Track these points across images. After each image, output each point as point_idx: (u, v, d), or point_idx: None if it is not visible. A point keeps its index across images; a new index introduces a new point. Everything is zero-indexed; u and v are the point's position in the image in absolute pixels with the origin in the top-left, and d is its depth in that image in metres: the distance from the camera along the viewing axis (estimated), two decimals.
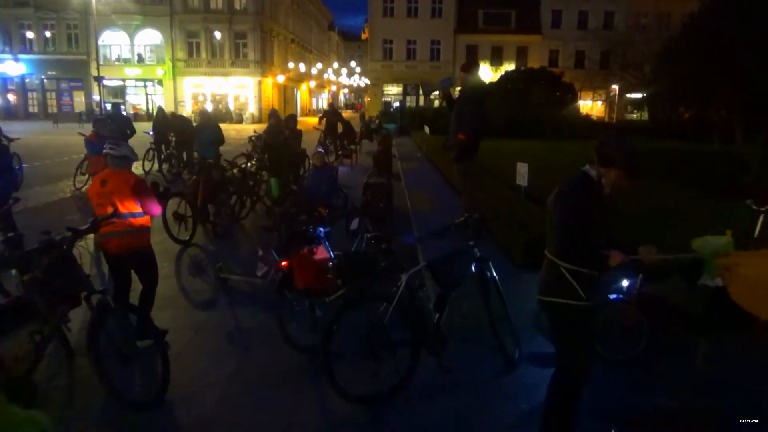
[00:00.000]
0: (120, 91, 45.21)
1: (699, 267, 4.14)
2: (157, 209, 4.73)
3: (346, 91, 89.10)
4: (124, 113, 32.44)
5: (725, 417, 3.82)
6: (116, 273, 4.72)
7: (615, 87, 42.80)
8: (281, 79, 48.71)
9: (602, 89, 45.44)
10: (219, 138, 10.98)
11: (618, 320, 4.47)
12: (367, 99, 53.33)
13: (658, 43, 28.03)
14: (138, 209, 4.56)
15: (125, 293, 4.71)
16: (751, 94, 15.66)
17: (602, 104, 47.91)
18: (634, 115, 43.14)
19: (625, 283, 4.49)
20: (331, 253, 4.79)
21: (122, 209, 4.48)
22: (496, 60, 46.10)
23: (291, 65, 52.05)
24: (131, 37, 44.24)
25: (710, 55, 17.17)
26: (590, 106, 46.58)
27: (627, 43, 35.47)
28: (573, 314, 3.07)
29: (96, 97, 39.80)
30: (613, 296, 4.51)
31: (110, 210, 4.41)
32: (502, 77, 30.91)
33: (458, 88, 7.01)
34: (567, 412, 3.25)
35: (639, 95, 36.16)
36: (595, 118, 40.03)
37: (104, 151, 4.69)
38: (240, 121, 43.69)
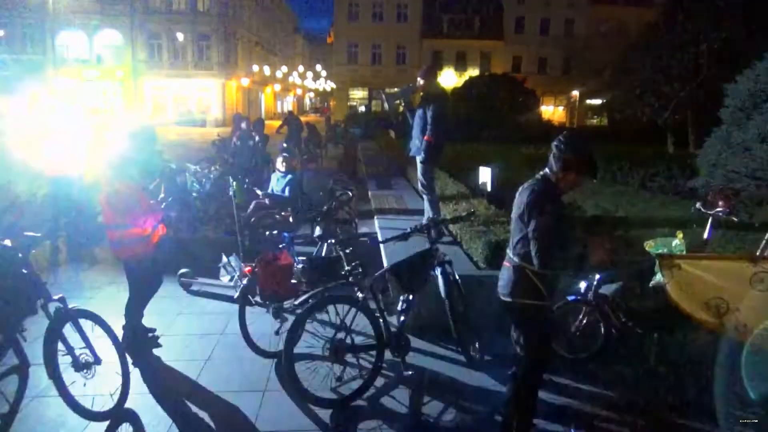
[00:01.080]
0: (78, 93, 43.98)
1: (651, 268, 4.32)
2: (141, 221, 4.61)
3: (312, 94, 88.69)
4: None
5: (679, 410, 3.98)
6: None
7: (575, 93, 43.87)
8: (245, 81, 48.21)
9: (563, 95, 46.53)
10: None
11: (576, 320, 4.61)
12: (332, 103, 53.29)
13: (617, 50, 28.90)
14: (118, 221, 4.55)
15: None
16: (703, 99, 16.30)
17: (563, 110, 48.98)
18: (594, 121, 44.28)
19: (582, 284, 4.64)
20: (296, 258, 4.80)
21: (107, 220, 4.59)
22: (461, 65, 46.72)
23: (255, 68, 51.56)
24: (90, 37, 43.10)
25: (666, 62, 17.86)
26: (552, 111, 47.55)
27: (587, 49, 36.44)
28: (536, 313, 3.19)
29: None
30: (571, 297, 4.65)
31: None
32: (466, 82, 31.32)
33: (420, 94, 7.10)
34: (531, 407, 3.36)
35: (599, 101, 37.14)
36: (556, 123, 40.90)
37: None
38: (203, 124, 43.03)
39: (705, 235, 5.15)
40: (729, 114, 9.94)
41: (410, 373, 4.25)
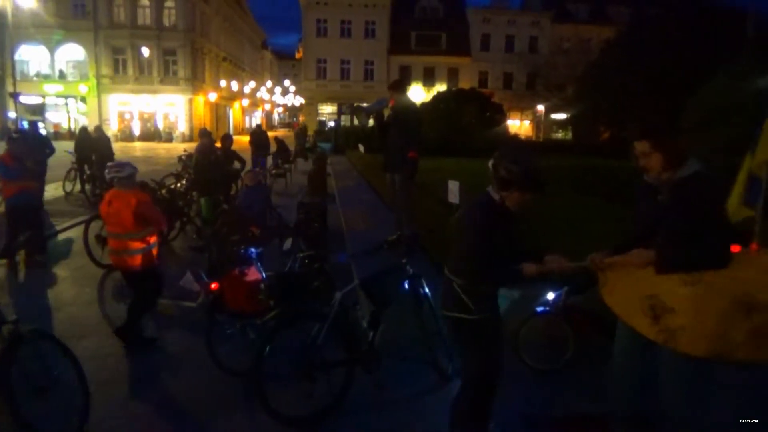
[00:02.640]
0: (39, 109, 42.84)
1: None
2: (162, 224, 5.24)
3: (281, 110, 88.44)
4: (42, 131, 30.76)
5: (647, 419, 4.01)
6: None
7: (541, 108, 44.86)
8: (213, 97, 47.80)
9: (529, 110, 47.54)
10: None
11: (545, 332, 4.63)
12: (301, 118, 53.22)
13: (579, 66, 29.73)
14: (135, 230, 4.93)
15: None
16: (662, 114, 16.84)
17: (530, 124, 50.00)
18: (560, 134, 45.28)
19: (551, 296, 4.67)
20: (263, 274, 4.71)
21: (121, 230, 4.93)
22: (429, 81, 47.30)
23: (223, 83, 51.22)
24: (52, 52, 42.16)
25: (625, 78, 18.42)
26: (518, 125, 48.49)
27: (550, 66, 37.39)
28: (467, 328, 3.09)
29: (12, 115, 37.51)
30: (540, 309, 4.67)
31: (113, 230, 4.99)
32: (434, 97, 31.67)
33: (391, 108, 7.09)
34: (476, 428, 3.24)
35: (563, 115, 38.00)
36: (523, 137, 41.74)
37: (108, 175, 5.05)
38: (170, 140, 42.40)
39: None
40: (687, 127, 10.26)
41: (382, 388, 4.19)
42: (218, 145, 11.20)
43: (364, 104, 8.03)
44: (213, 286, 4.71)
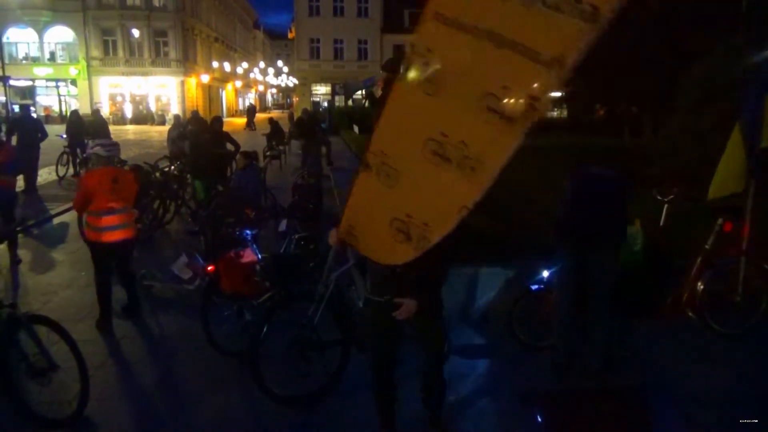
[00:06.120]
0: (29, 92, 42.29)
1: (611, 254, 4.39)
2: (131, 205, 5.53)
3: (274, 90, 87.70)
4: (34, 115, 30.37)
5: (640, 394, 4.09)
6: (106, 263, 5.29)
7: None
8: (205, 78, 47.31)
9: None
10: None
11: (539, 308, 4.68)
12: (295, 99, 52.80)
13: None
14: (132, 202, 5.37)
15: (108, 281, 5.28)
16: (656, 92, 16.79)
17: None
18: (555, 113, 45.05)
19: (545, 273, 4.70)
20: (259, 256, 4.73)
21: (128, 203, 5.23)
22: None
23: (215, 64, 50.65)
24: (40, 34, 41.47)
25: (620, 55, 18.30)
26: None
27: None
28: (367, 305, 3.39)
29: (1, 99, 37.09)
30: (534, 286, 4.71)
31: (121, 205, 5.08)
32: None
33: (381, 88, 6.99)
34: (379, 404, 3.51)
35: (558, 93, 37.80)
36: None
37: (109, 153, 5.22)
38: (162, 122, 41.99)
39: (661, 222, 5.29)
40: (683, 104, 10.22)
41: None
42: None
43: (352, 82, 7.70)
44: (209, 268, 4.73)
